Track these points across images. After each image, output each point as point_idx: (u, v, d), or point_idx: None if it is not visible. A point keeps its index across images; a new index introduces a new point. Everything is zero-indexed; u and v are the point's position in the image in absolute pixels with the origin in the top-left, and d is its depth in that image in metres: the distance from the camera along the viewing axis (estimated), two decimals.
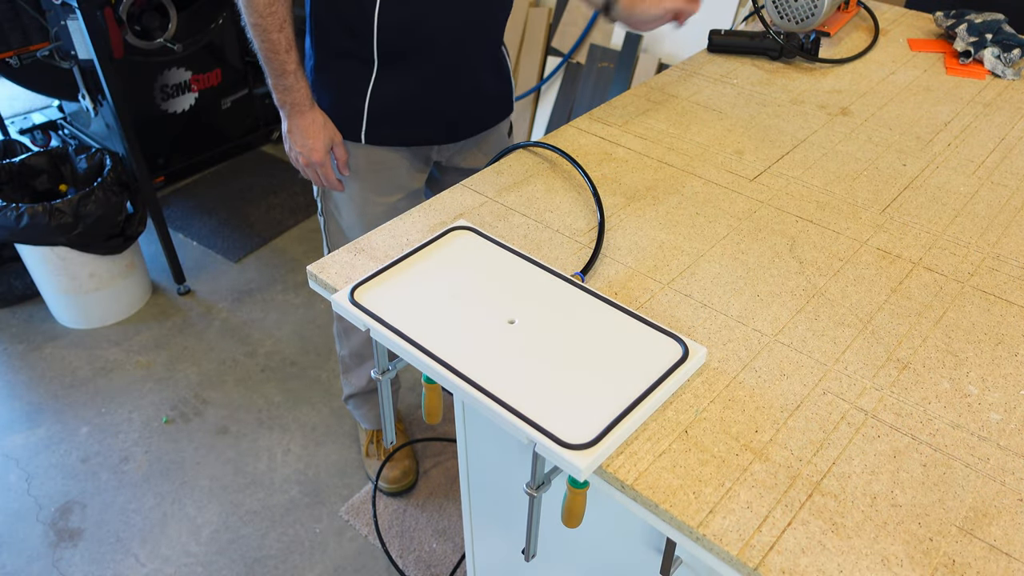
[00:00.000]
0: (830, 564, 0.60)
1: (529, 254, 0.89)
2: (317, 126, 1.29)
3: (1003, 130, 1.21)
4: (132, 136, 2.12)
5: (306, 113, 1.29)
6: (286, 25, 1.21)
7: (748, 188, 1.05)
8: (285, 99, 1.27)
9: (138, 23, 2.09)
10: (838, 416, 0.72)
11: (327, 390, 2.10)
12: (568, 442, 0.67)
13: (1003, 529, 0.63)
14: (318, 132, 1.29)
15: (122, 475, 1.87)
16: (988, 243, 0.96)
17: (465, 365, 0.74)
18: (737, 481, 0.66)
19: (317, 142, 1.30)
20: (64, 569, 1.68)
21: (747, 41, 1.43)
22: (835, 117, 1.24)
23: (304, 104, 1.28)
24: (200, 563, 1.69)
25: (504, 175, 1.07)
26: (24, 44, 2.10)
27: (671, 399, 0.73)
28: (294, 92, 1.26)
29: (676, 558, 0.80)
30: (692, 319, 0.83)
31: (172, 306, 2.39)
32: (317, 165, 1.32)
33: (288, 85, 1.25)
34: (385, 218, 1.39)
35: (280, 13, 1.19)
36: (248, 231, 2.69)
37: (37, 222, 1.98)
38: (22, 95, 3.19)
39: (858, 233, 0.97)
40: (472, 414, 1.03)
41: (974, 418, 0.73)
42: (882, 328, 0.83)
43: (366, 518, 1.77)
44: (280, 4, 1.19)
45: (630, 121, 1.21)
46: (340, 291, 0.83)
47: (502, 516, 1.13)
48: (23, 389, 2.11)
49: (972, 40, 1.41)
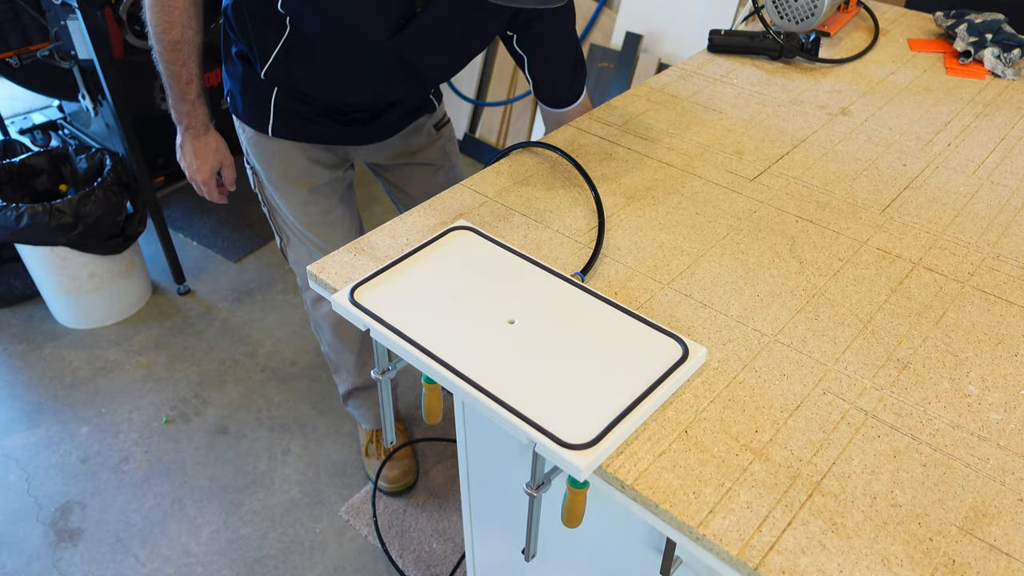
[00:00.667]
0: (830, 564, 0.60)
1: (529, 254, 0.89)
2: (209, 150, 1.37)
3: (1003, 130, 1.21)
4: (132, 136, 2.12)
5: (200, 136, 1.35)
6: (189, 61, 1.25)
7: (748, 188, 1.05)
8: (182, 120, 1.33)
9: (138, 23, 2.09)
10: (838, 416, 0.72)
11: (327, 390, 2.10)
12: (568, 442, 0.67)
13: (1003, 529, 0.63)
14: (207, 156, 1.37)
15: (122, 475, 1.87)
16: (988, 243, 0.96)
17: (465, 365, 0.74)
18: (737, 481, 0.66)
19: (204, 164, 1.38)
20: (64, 569, 1.68)
21: (747, 41, 1.43)
22: (835, 117, 1.24)
23: (199, 128, 1.35)
24: (200, 563, 1.69)
25: (504, 175, 1.07)
26: (24, 44, 2.10)
27: (671, 399, 0.73)
28: (191, 117, 1.32)
29: (676, 558, 0.80)
30: (692, 319, 0.83)
31: (172, 306, 2.39)
32: (200, 183, 1.42)
33: (186, 111, 1.31)
34: (314, 203, 1.44)
35: (184, 52, 1.24)
36: (248, 231, 2.69)
37: (37, 222, 1.97)
38: (22, 95, 3.20)
39: (858, 233, 0.97)
40: (472, 414, 1.03)
41: (974, 418, 0.73)
42: (882, 328, 0.83)
43: (366, 518, 1.77)
44: (185, 44, 1.23)
45: (630, 121, 1.21)
46: (340, 291, 0.83)
47: (502, 516, 1.13)
48: (23, 389, 2.11)
49: (972, 40, 1.41)
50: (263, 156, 1.38)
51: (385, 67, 1.20)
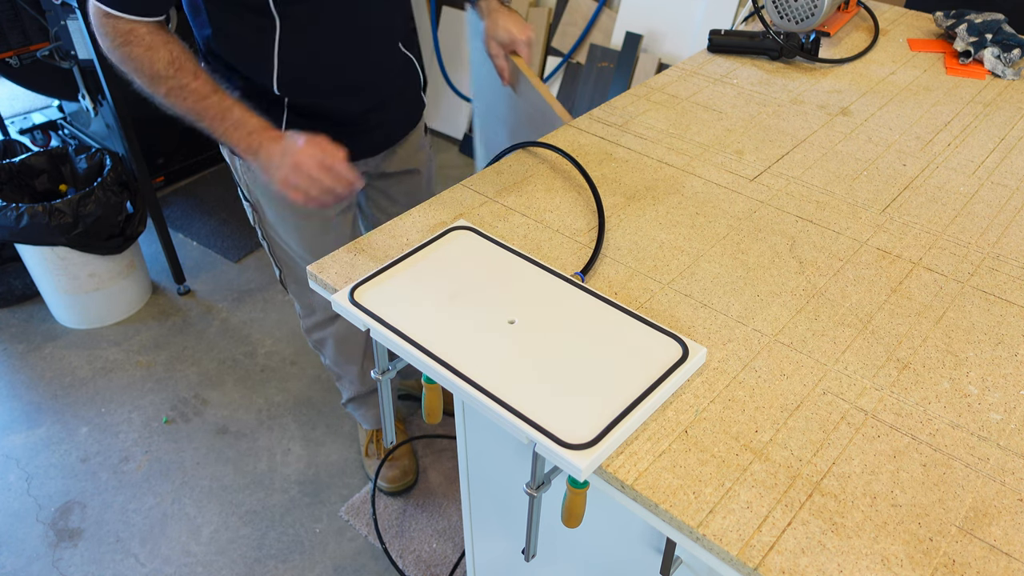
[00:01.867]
0: (830, 564, 0.60)
1: (529, 254, 0.89)
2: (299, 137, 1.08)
3: (1003, 130, 1.21)
4: (132, 136, 2.12)
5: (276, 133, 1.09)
6: (199, 70, 1.06)
7: (748, 188, 1.05)
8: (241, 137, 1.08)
9: None
10: (838, 416, 0.72)
11: (327, 390, 2.10)
12: (568, 442, 0.67)
13: (1003, 529, 0.63)
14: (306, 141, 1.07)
15: (122, 475, 1.87)
16: (988, 243, 0.96)
17: (465, 365, 0.74)
18: (737, 481, 0.66)
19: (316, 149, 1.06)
20: (64, 569, 1.68)
21: (747, 41, 1.43)
22: (835, 117, 1.24)
23: (267, 127, 1.09)
24: (200, 563, 1.69)
25: (504, 175, 1.07)
26: (24, 44, 2.11)
27: (671, 399, 0.73)
28: (248, 123, 1.08)
29: (676, 558, 0.80)
30: (692, 319, 0.83)
31: (172, 306, 2.39)
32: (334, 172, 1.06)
33: (237, 119, 1.07)
34: (324, 234, 1.36)
35: (188, 67, 1.05)
36: (248, 231, 2.69)
37: (37, 222, 1.98)
38: (22, 95, 3.20)
39: (858, 233, 0.97)
40: (472, 414, 1.03)
41: (974, 418, 0.73)
42: (882, 328, 0.83)
43: (366, 518, 1.77)
44: (183, 56, 1.05)
45: (630, 121, 1.21)
46: (340, 291, 0.83)
47: (502, 516, 1.13)
48: (23, 389, 2.11)
49: (972, 40, 1.41)
50: (270, 190, 1.30)
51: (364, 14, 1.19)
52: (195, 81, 1.06)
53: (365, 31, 1.23)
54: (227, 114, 1.08)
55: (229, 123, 1.08)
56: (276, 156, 1.07)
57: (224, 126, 1.08)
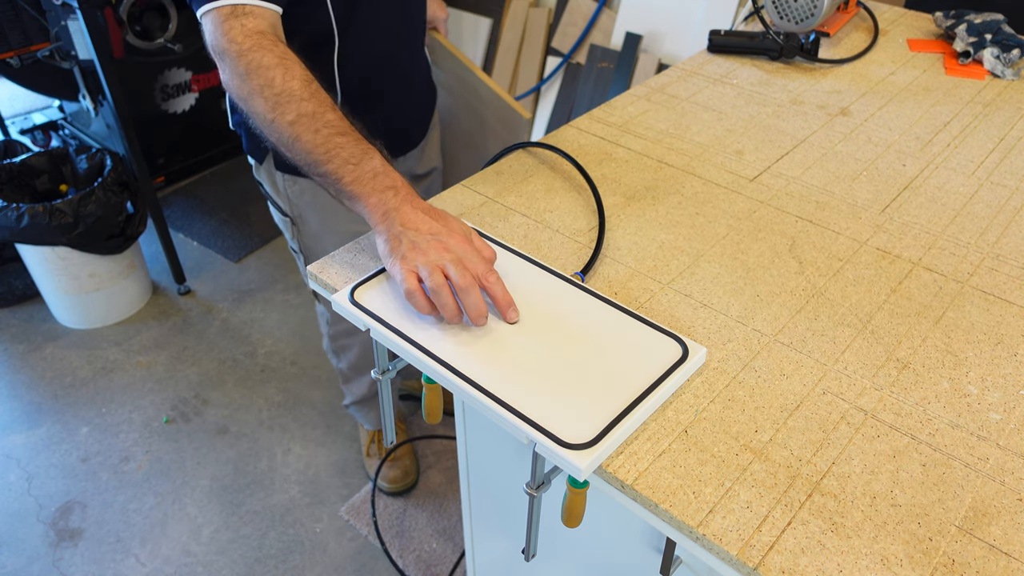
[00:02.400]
0: (830, 564, 0.60)
1: (529, 254, 0.89)
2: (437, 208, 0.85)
3: (1003, 130, 1.21)
4: (132, 136, 2.12)
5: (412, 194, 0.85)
6: (333, 101, 0.88)
7: (748, 188, 1.05)
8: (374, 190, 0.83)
9: (138, 23, 2.09)
10: (838, 416, 0.73)
11: (327, 390, 2.10)
12: (568, 442, 0.67)
13: (1003, 529, 0.63)
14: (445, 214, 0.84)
15: (122, 475, 1.88)
16: (988, 243, 0.96)
17: (465, 365, 0.74)
18: (737, 481, 0.66)
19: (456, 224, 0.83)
20: (64, 569, 1.68)
21: (747, 41, 1.43)
22: (835, 117, 1.24)
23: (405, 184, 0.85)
24: (200, 563, 1.69)
25: (504, 175, 1.08)
26: (24, 44, 2.11)
27: (671, 399, 0.74)
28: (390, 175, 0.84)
29: (676, 558, 0.80)
30: (692, 319, 0.83)
31: (172, 306, 2.39)
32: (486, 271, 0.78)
33: (377, 168, 0.84)
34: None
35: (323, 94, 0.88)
36: (248, 231, 2.69)
37: (37, 222, 1.98)
38: (22, 95, 3.20)
39: (858, 233, 0.97)
40: (472, 414, 1.03)
41: (974, 418, 0.73)
42: (882, 328, 0.83)
43: (366, 518, 1.77)
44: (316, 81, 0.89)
45: (630, 121, 1.21)
46: (340, 291, 0.83)
47: (502, 516, 1.13)
48: (23, 389, 2.11)
49: (971, 40, 1.41)
50: (310, 202, 1.29)
51: None
52: (331, 112, 0.86)
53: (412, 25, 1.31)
54: (364, 159, 0.83)
55: (366, 170, 0.83)
56: (422, 229, 0.81)
57: (357, 172, 0.83)
